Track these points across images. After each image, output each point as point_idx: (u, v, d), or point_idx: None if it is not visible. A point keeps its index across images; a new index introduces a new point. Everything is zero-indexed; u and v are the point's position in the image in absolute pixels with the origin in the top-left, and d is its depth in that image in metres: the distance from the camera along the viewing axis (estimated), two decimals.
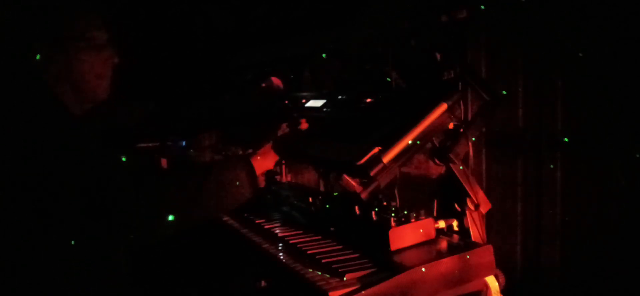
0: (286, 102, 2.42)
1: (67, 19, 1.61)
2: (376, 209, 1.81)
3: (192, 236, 1.69)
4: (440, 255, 1.65)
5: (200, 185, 1.59)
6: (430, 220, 1.77)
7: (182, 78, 3.80)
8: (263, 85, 2.41)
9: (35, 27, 1.57)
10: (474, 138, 1.75)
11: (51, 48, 1.58)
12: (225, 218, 2.30)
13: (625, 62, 1.75)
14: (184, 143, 3.32)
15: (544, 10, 1.95)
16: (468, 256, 1.64)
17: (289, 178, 2.61)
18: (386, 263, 1.62)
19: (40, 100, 1.55)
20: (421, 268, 1.56)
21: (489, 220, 1.98)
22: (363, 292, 1.47)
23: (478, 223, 1.79)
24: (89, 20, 1.65)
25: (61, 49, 1.59)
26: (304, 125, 2.06)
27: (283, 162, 2.58)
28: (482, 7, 1.92)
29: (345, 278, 1.55)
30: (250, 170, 1.71)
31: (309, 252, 1.78)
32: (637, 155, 1.70)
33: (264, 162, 1.85)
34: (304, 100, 2.36)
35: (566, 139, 1.79)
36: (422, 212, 1.78)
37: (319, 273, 1.62)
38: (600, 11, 1.80)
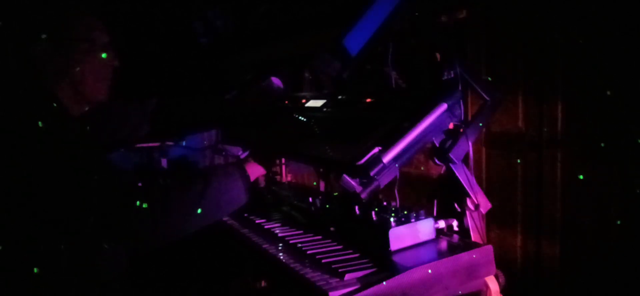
0: (286, 102, 2.42)
1: (68, 20, 1.61)
2: (376, 209, 1.81)
3: (191, 236, 1.70)
4: (440, 255, 1.65)
5: (201, 194, 1.62)
6: (430, 220, 1.77)
7: (182, 79, 3.79)
8: (263, 85, 2.41)
9: (36, 28, 1.57)
10: (473, 139, 1.75)
11: (52, 49, 1.58)
12: (225, 218, 2.30)
13: (626, 62, 1.75)
14: (184, 143, 3.32)
15: (544, 9, 1.95)
16: (468, 257, 1.64)
17: (289, 178, 2.61)
18: (386, 263, 1.62)
19: (40, 101, 1.55)
20: (421, 268, 1.56)
21: (489, 220, 1.98)
22: (363, 292, 1.47)
23: (478, 223, 1.79)
24: (90, 22, 1.66)
25: (62, 50, 1.59)
26: (303, 125, 2.06)
27: (283, 161, 2.58)
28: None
29: (345, 278, 1.55)
30: (245, 176, 1.77)
31: (309, 252, 1.78)
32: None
33: (256, 167, 1.90)
34: (304, 100, 2.36)
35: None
36: (422, 212, 1.78)
37: (319, 273, 1.62)
38: (600, 10, 1.80)
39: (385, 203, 1.89)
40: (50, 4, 1.60)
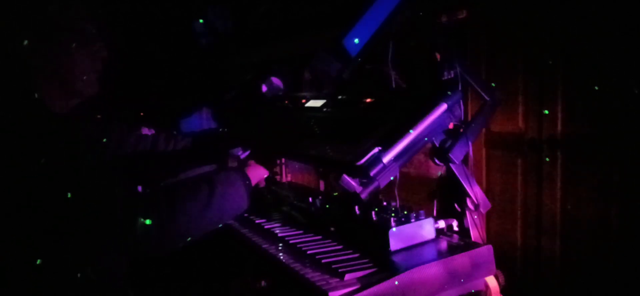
0: (286, 102, 2.42)
1: (55, 9, 1.56)
2: (376, 209, 1.82)
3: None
4: (440, 255, 1.65)
5: (205, 204, 1.62)
6: (430, 220, 1.77)
7: (182, 79, 3.79)
8: (263, 85, 2.41)
9: (21, 18, 1.52)
10: (473, 139, 1.75)
11: (37, 40, 1.52)
12: None
13: (625, 62, 1.75)
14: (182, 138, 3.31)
15: (544, 9, 1.95)
16: (468, 257, 1.64)
17: (289, 178, 2.61)
18: (386, 263, 1.62)
19: (26, 96, 1.51)
20: (421, 268, 1.56)
21: (489, 220, 1.98)
22: (363, 292, 1.47)
23: (478, 223, 1.79)
24: (77, 11, 1.60)
25: (48, 41, 1.53)
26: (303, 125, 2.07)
27: (283, 161, 2.58)
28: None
29: (345, 278, 1.55)
30: (247, 182, 1.77)
31: (309, 252, 1.78)
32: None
33: (258, 170, 1.91)
34: (304, 100, 2.36)
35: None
36: (422, 212, 1.78)
37: (319, 273, 1.62)
38: (600, 10, 1.80)
39: (385, 203, 1.89)
40: None
